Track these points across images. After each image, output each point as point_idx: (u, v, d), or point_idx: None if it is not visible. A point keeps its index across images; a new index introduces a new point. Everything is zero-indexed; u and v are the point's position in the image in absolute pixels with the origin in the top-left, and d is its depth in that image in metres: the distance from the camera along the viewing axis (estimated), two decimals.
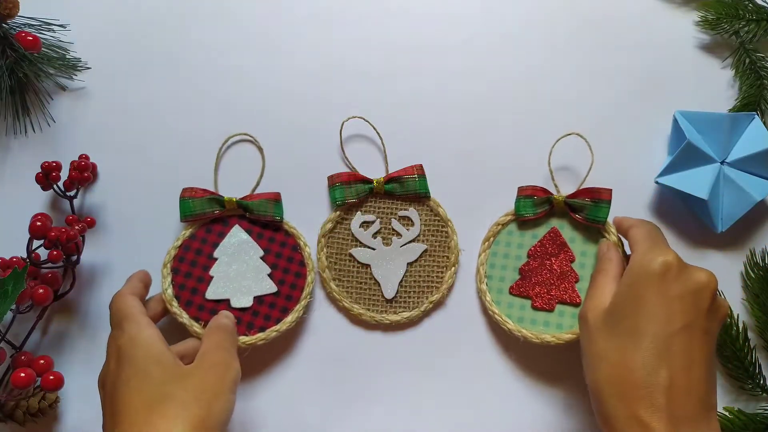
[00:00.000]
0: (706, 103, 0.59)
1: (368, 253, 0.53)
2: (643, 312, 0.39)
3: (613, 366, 0.38)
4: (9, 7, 0.53)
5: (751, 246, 0.57)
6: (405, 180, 0.54)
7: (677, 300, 0.39)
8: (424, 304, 0.53)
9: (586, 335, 0.42)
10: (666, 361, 0.37)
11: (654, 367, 0.37)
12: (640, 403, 0.36)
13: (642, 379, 0.37)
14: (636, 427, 0.35)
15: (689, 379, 0.37)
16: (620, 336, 0.39)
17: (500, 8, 0.61)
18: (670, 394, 0.36)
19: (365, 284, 0.53)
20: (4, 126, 0.57)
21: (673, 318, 0.39)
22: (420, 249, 0.53)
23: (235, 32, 0.60)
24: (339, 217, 0.54)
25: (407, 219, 0.54)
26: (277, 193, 0.55)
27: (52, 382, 0.49)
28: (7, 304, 0.45)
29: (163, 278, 0.52)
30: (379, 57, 0.59)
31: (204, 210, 0.53)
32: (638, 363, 0.37)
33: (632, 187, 0.58)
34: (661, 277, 0.40)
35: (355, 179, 0.54)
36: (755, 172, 0.56)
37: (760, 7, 0.61)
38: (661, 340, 0.38)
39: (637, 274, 0.41)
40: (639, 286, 0.40)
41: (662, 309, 0.39)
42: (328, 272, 0.53)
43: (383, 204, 0.54)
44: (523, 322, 0.52)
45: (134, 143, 0.57)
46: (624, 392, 0.37)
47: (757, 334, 0.55)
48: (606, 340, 0.40)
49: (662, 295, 0.39)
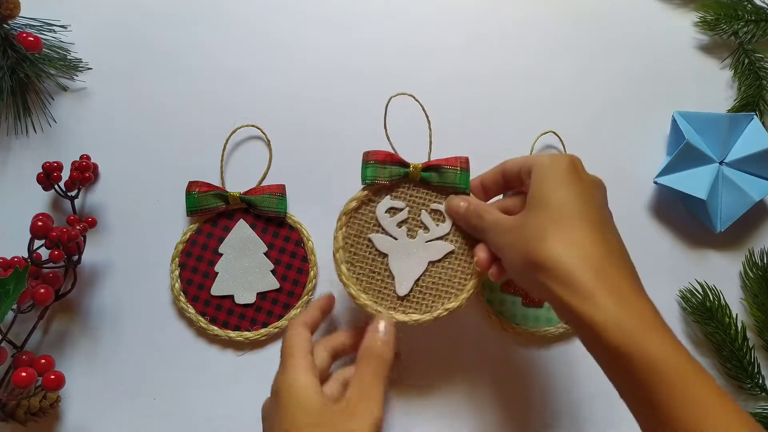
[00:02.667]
0: (705, 103, 0.59)
1: (389, 241, 0.49)
2: (570, 196, 0.40)
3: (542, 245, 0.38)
4: (10, 8, 0.53)
5: (749, 246, 0.57)
6: (445, 170, 0.49)
7: (592, 185, 0.42)
8: (437, 310, 0.48)
9: (524, 236, 0.40)
10: (608, 233, 0.40)
11: (600, 240, 0.38)
12: (610, 271, 0.37)
13: (598, 253, 0.37)
14: (605, 292, 0.36)
15: (625, 251, 0.40)
16: (561, 220, 0.39)
17: (500, 8, 0.62)
18: (622, 259, 0.39)
19: (379, 275, 0.48)
20: (5, 126, 0.57)
21: (595, 198, 0.41)
22: (446, 249, 0.48)
23: (235, 32, 0.60)
24: (366, 198, 0.49)
25: (439, 213, 0.49)
26: (281, 185, 0.55)
27: (53, 382, 0.49)
28: (8, 303, 0.45)
29: (171, 273, 0.53)
30: (382, 56, 0.60)
31: (209, 205, 0.53)
32: (585, 240, 0.38)
33: (631, 187, 0.58)
34: (574, 166, 0.41)
35: (391, 160, 0.49)
36: (754, 172, 0.56)
37: (759, 7, 0.62)
38: (597, 217, 0.40)
39: (552, 169, 0.41)
40: (557, 176, 0.40)
41: (586, 191, 0.40)
42: (341, 253, 0.48)
43: (416, 193, 0.49)
44: (516, 318, 0.54)
45: (135, 143, 0.57)
46: (583, 264, 0.37)
47: (755, 334, 0.55)
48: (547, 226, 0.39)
49: (580, 180, 0.41)
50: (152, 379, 0.53)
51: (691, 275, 0.56)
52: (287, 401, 0.40)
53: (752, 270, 0.56)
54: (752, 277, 0.56)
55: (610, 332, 0.34)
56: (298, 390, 0.40)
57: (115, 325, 0.53)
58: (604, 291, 0.35)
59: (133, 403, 0.52)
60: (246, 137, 0.57)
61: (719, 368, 0.55)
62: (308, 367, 0.42)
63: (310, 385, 0.41)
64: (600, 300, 0.35)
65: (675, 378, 0.33)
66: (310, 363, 0.43)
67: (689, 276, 0.56)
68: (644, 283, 0.39)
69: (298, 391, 0.40)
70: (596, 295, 0.35)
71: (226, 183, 0.56)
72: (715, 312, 0.54)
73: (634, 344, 0.34)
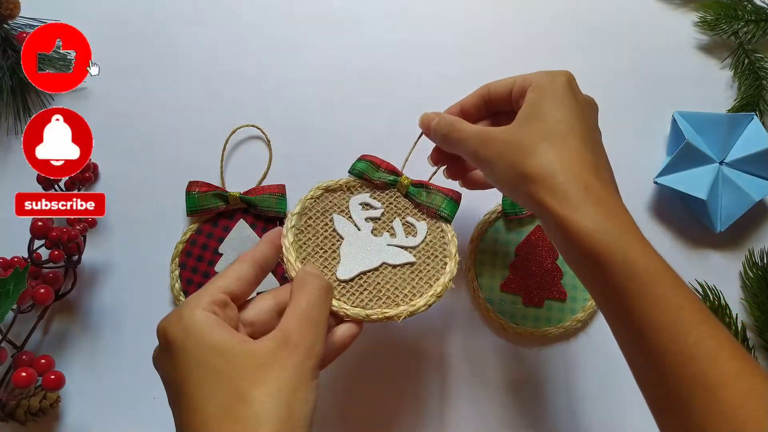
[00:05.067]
0: (705, 103, 0.59)
1: (351, 228, 0.46)
2: (566, 114, 0.40)
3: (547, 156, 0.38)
4: (10, 8, 0.54)
5: (749, 246, 0.57)
6: (434, 192, 0.48)
7: (586, 104, 0.42)
8: (372, 311, 0.43)
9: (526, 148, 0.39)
10: (597, 151, 0.40)
11: (590, 156, 0.39)
12: (591, 176, 0.37)
13: (588, 168, 0.38)
14: (584, 192, 0.37)
15: (610, 169, 0.41)
16: (553, 133, 0.39)
17: (500, 8, 0.62)
18: (608, 175, 0.40)
19: (324, 252, 0.45)
20: (5, 126, 0.57)
21: (589, 118, 0.42)
22: (406, 258, 0.45)
23: (235, 32, 0.60)
24: (346, 185, 0.47)
25: (412, 227, 0.47)
26: (281, 185, 0.55)
27: (53, 382, 0.49)
28: (8, 303, 0.45)
29: (171, 273, 0.53)
30: (383, 57, 0.60)
31: (209, 205, 0.53)
32: (582, 152, 0.39)
33: (631, 187, 0.58)
34: (570, 84, 0.42)
35: (386, 168, 0.48)
36: (754, 172, 0.56)
37: (759, 7, 0.62)
38: (589, 135, 0.40)
39: (550, 86, 0.41)
40: (555, 93, 0.41)
41: (581, 110, 0.41)
42: (296, 219, 0.45)
43: (397, 201, 0.48)
44: (516, 318, 0.53)
45: (135, 143, 0.57)
46: (575, 171, 0.37)
47: (756, 334, 0.55)
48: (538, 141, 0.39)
49: (576, 99, 0.41)
50: (152, 379, 0.52)
51: (691, 275, 0.56)
52: (188, 344, 0.33)
53: (752, 270, 0.56)
54: (752, 277, 0.56)
55: (594, 238, 0.35)
56: (196, 329, 0.33)
57: (115, 325, 0.53)
58: (591, 201, 0.36)
59: (133, 403, 0.52)
60: (246, 137, 0.57)
61: None
62: (210, 302, 0.34)
63: (210, 321, 0.33)
64: (588, 209, 0.36)
65: (652, 281, 0.34)
66: (216, 299, 0.35)
67: (689, 276, 0.56)
68: None
69: (199, 330, 0.33)
70: (584, 205, 0.36)
71: (226, 183, 0.56)
72: (715, 312, 0.54)
73: (616, 248, 0.35)
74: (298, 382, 0.33)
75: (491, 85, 0.45)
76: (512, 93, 0.43)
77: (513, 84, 0.43)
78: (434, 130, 0.45)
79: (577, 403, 0.53)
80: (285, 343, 0.33)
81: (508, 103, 0.44)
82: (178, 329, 0.33)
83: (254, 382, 0.32)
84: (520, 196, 0.40)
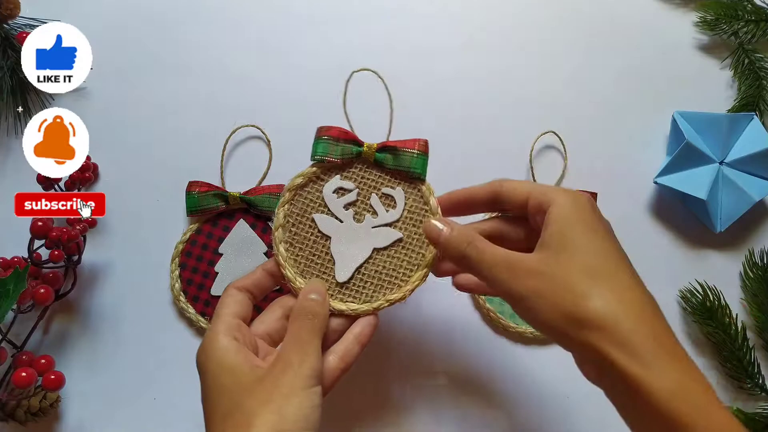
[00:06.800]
0: (705, 103, 0.59)
1: (333, 223, 0.46)
2: (604, 244, 0.37)
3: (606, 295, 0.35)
4: (10, 8, 0.54)
5: (749, 246, 0.57)
6: (401, 153, 0.46)
7: (610, 227, 0.39)
8: (378, 300, 0.44)
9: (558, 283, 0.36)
10: (642, 284, 0.37)
11: (645, 295, 0.36)
12: (655, 320, 0.35)
13: (649, 312, 0.35)
14: (655, 345, 0.33)
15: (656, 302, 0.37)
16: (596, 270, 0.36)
17: (500, 8, 0.62)
18: (662, 315, 0.36)
19: (319, 257, 0.45)
20: (5, 126, 0.57)
21: (618, 244, 0.39)
22: (394, 236, 0.45)
23: (235, 32, 0.60)
24: (314, 175, 0.46)
25: (390, 198, 0.46)
26: (281, 185, 0.55)
27: (53, 382, 0.49)
28: (8, 303, 0.45)
29: (171, 273, 0.53)
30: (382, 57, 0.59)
31: (209, 205, 0.53)
32: (635, 292, 0.36)
33: (631, 187, 0.58)
34: (594, 207, 0.39)
35: (345, 137, 0.46)
36: (754, 172, 0.56)
37: (759, 7, 0.62)
38: (630, 267, 0.38)
39: (576, 211, 0.38)
40: (584, 219, 0.38)
41: (612, 236, 0.39)
42: (281, 232, 0.45)
43: (368, 174, 0.46)
44: (516, 318, 0.53)
45: (135, 143, 0.57)
46: (637, 315, 0.34)
47: (755, 334, 0.55)
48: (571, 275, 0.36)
49: (603, 223, 0.39)
50: (152, 379, 0.53)
51: (691, 275, 0.56)
52: (209, 366, 0.38)
53: (752, 270, 0.56)
54: (752, 277, 0.56)
55: (674, 401, 0.32)
56: (217, 353, 0.38)
57: (115, 325, 0.53)
58: (665, 356, 0.33)
59: (133, 403, 0.52)
60: (246, 137, 0.57)
61: (719, 368, 0.55)
62: (228, 329, 0.40)
63: (230, 346, 0.39)
64: (663, 366, 0.33)
65: None
66: (232, 325, 0.40)
67: (689, 276, 0.56)
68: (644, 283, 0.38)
69: (220, 354, 0.38)
70: (658, 360, 0.33)
71: (226, 183, 0.56)
72: (715, 312, 0.54)
73: (699, 415, 0.32)
74: (290, 390, 0.37)
75: (505, 188, 0.42)
76: (528, 204, 0.40)
77: (529, 194, 0.40)
78: (448, 245, 0.41)
79: (577, 403, 0.53)
80: (278, 361, 0.39)
81: (521, 210, 0.41)
82: (202, 356, 0.39)
83: (251, 394, 0.37)
84: (571, 344, 0.36)
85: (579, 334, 0.34)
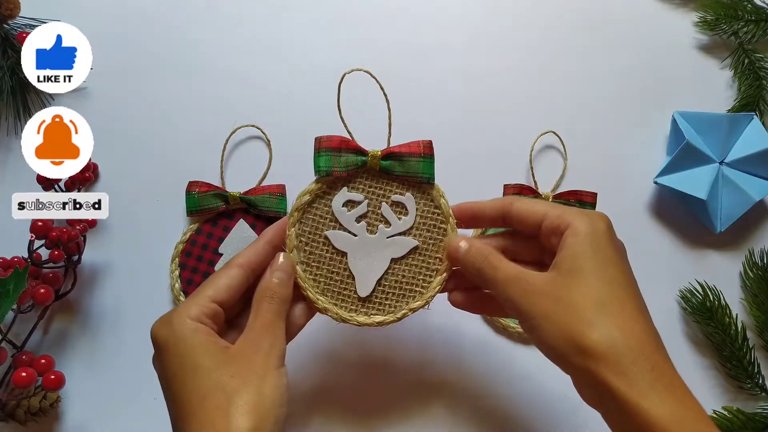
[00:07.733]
0: (705, 103, 0.59)
1: (348, 239, 0.45)
2: (616, 273, 0.38)
3: (612, 325, 0.36)
4: (10, 8, 0.54)
5: (749, 246, 0.57)
6: (407, 158, 0.44)
7: (624, 252, 0.40)
8: (402, 310, 0.45)
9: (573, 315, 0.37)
10: (648, 316, 0.38)
11: (649, 326, 0.37)
12: (657, 353, 0.35)
13: (651, 343, 0.36)
14: (653, 374, 0.34)
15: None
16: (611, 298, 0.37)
17: (500, 8, 0.62)
18: (664, 347, 0.37)
19: (338, 275, 0.44)
20: (5, 126, 0.57)
21: (631, 272, 0.39)
22: (410, 245, 0.45)
23: (235, 32, 0.60)
24: (320, 191, 0.45)
25: (401, 206, 0.45)
26: (281, 185, 0.55)
27: (53, 382, 0.49)
28: (8, 303, 0.45)
29: (171, 273, 0.53)
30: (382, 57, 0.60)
31: (209, 205, 0.53)
32: (638, 321, 0.36)
33: (631, 187, 0.58)
34: (610, 233, 0.39)
35: (347, 147, 0.45)
36: (754, 172, 0.56)
37: (759, 7, 0.62)
38: (640, 297, 0.38)
39: (593, 238, 0.38)
40: (600, 247, 0.38)
41: (626, 264, 0.39)
42: (296, 253, 0.44)
43: (376, 183, 0.45)
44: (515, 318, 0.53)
45: (135, 143, 0.57)
46: (635, 347, 0.35)
47: (755, 334, 0.55)
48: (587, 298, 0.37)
49: (618, 251, 0.39)
50: (152, 379, 0.52)
51: (691, 275, 0.56)
52: (176, 344, 0.37)
53: (752, 270, 0.56)
54: (752, 277, 0.56)
55: (670, 429, 0.33)
56: (186, 331, 0.37)
57: (115, 325, 0.53)
58: (661, 385, 0.34)
59: (133, 403, 0.52)
60: (246, 137, 0.57)
61: (719, 368, 0.55)
62: (198, 314, 0.38)
63: (200, 328, 0.38)
64: (659, 394, 0.33)
65: None
66: (205, 311, 0.39)
67: (689, 276, 0.56)
68: (644, 283, 0.39)
69: (189, 333, 0.37)
70: (654, 389, 0.34)
71: (226, 183, 0.56)
72: (715, 312, 0.54)
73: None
74: (264, 371, 0.37)
75: (516, 208, 0.42)
76: (542, 227, 0.40)
77: (544, 217, 0.40)
78: (465, 261, 0.42)
79: (577, 403, 0.53)
80: (248, 342, 0.39)
81: (533, 230, 0.41)
82: (168, 332, 0.38)
83: (229, 373, 0.37)
84: (571, 368, 0.37)
85: (580, 360, 0.35)
